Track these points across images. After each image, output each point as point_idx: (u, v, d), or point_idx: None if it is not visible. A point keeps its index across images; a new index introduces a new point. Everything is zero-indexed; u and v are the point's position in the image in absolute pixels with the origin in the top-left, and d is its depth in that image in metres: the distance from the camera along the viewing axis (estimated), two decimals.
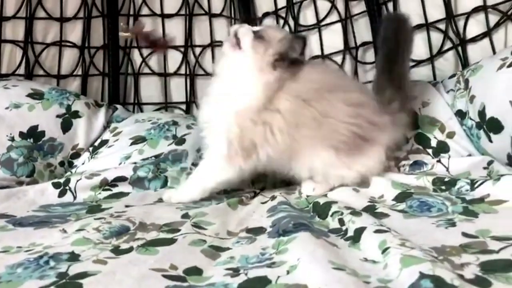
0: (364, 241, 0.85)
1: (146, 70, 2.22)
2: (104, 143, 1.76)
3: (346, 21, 1.99)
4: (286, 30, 2.06)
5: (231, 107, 1.22)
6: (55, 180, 1.46)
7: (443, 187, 1.18)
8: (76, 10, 2.10)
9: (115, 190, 1.45)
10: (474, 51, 1.67)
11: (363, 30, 1.96)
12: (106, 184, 1.45)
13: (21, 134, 1.62)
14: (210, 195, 1.27)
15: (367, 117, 1.26)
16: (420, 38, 1.79)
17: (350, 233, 0.91)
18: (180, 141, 1.66)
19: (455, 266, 0.71)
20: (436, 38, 1.76)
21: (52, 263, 0.80)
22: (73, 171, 1.66)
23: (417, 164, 1.39)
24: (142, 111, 2.18)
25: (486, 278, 0.67)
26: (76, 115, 1.78)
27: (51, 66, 2.06)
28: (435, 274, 0.64)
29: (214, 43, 2.23)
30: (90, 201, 1.39)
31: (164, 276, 0.73)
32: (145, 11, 2.21)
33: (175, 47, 2.21)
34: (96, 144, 1.78)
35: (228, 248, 0.89)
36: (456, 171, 1.30)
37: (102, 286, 0.71)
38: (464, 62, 1.67)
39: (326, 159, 1.24)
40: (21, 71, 1.98)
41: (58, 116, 1.74)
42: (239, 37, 1.26)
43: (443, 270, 0.65)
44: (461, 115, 1.44)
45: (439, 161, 1.37)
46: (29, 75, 1.99)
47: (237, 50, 1.27)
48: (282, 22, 2.14)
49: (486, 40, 1.63)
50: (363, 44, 1.96)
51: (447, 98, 1.51)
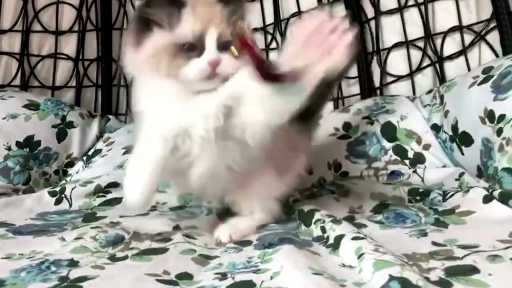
0: (342, 247, 0.91)
1: None
2: (98, 152, 1.82)
3: None
4: None
5: None
6: (51, 189, 1.52)
7: (418, 198, 1.25)
8: (71, 24, 2.17)
9: (109, 196, 1.50)
10: (451, 68, 1.76)
11: None
12: (100, 191, 1.51)
13: (17, 144, 1.68)
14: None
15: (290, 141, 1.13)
16: (401, 55, 1.89)
17: (331, 240, 0.97)
18: None
19: (422, 270, 0.78)
20: (415, 55, 1.85)
21: (53, 268, 0.85)
22: (67, 179, 1.72)
23: (394, 174, 1.46)
24: (134, 121, 2.24)
25: (448, 281, 0.74)
26: (70, 125, 1.85)
27: (46, 77, 2.12)
28: (402, 276, 0.70)
29: None
30: (86, 208, 1.44)
31: (158, 280, 0.80)
32: None
33: None
34: (90, 153, 1.84)
35: (216, 256, 0.94)
36: (431, 181, 1.37)
37: None
38: (442, 78, 1.76)
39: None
40: (16, 82, 2.04)
41: (53, 126, 1.81)
42: None
43: (410, 272, 0.72)
44: (436, 128, 1.51)
45: (415, 171, 1.44)
46: (24, 86, 2.05)
47: None
48: (270, 37, 2.22)
49: (462, 58, 1.72)
50: None
51: (423, 112, 1.59)
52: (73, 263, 0.88)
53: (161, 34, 0.86)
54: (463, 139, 1.36)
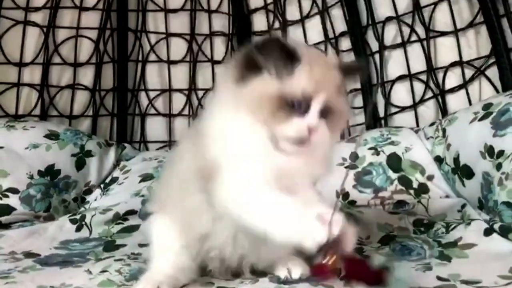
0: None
1: (152, 111, 2.37)
2: (115, 180, 1.90)
3: None
4: None
5: None
6: (72, 216, 1.60)
7: (422, 229, 1.32)
8: (89, 56, 2.27)
9: (126, 223, 1.57)
10: (452, 100, 1.85)
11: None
12: (118, 218, 1.58)
13: (39, 172, 1.76)
14: None
15: None
16: (404, 87, 1.98)
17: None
18: None
19: None
20: (419, 88, 1.94)
21: None
22: (86, 206, 1.79)
23: (400, 204, 1.51)
24: (147, 149, 2.33)
25: None
26: (89, 154, 1.93)
27: (64, 107, 2.22)
28: None
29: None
30: (105, 235, 1.51)
31: None
32: (152, 57, 2.38)
33: (180, 90, 2.38)
34: (107, 181, 1.92)
35: None
36: (435, 211, 1.43)
37: None
38: (444, 110, 1.84)
39: None
40: (36, 112, 2.14)
41: (72, 155, 1.89)
42: None
43: None
44: (439, 160, 1.58)
45: (419, 201, 1.50)
46: (43, 116, 2.14)
47: None
48: None
49: (463, 91, 1.81)
50: (352, 90, 2.10)
51: (427, 144, 1.66)
52: None
53: (271, 81, 0.80)
54: (464, 172, 1.43)
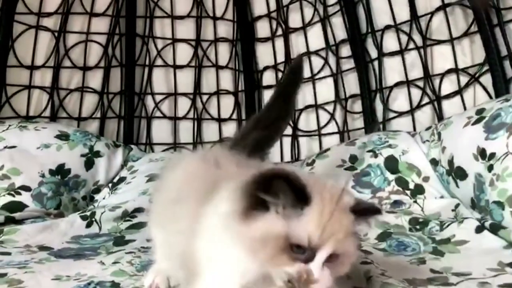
0: (353, 271, 0.97)
1: (158, 114, 2.44)
2: (122, 180, 1.96)
3: (337, 75, 2.25)
4: None
5: None
6: (82, 213, 1.66)
7: (418, 227, 1.39)
8: (98, 60, 2.33)
9: (135, 220, 1.63)
10: (448, 106, 1.91)
11: (352, 84, 2.21)
12: (127, 215, 1.64)
13: (50, 171, 1.82)
14: None
15: None
16: (402, 93, 2.05)
17: None
18: None
19: None
20: (415, 94, 2.01)
21: None
22: (95, 205, 1.86)
23: (397, 203, 1.57)
24: (153, 150, 2.39)
25: None
26: (97, 154, 2.00)
27: (73, 109, 2.28)
28: None
29: (219, 91, 2.47)
30: (114, 231, 1.57)
31: None
32: (159, 62, 2.44)
33: (185, 94, 2.45)
34: (115, 180, 1.98)
35: None
36: (430, 211, 1.50)
37: None
38: (439, 115, 1.91)
39: None
40: (46, 113, 2.21)
41: (82, 155, 1.95)
42: None
43: None
44: (434, 162, 1.64)
45: (415, 201, 1.56)
46: (53, 117, 2.21)
47: None
48: (280, 75, 2.39)
49: (458, 97, 1.88)
50: (352, 96, 2.21)
51: (423, 147, 1.72)
52: (115, 285, 1.01)
53: (277, 221, 0.72)
54: (458, 173, 1.49)
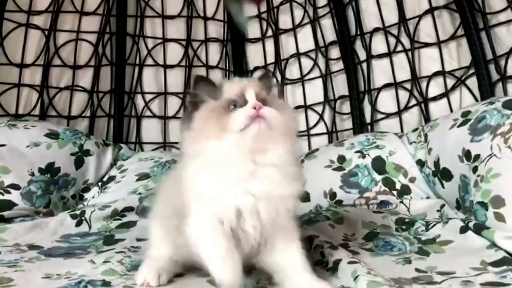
0: (340, 270, 1.05)
1: (148, 113, 2.44)
2: (112, 179, 1.97)
3: (326, 77, 2.27)
4: None
5: None
6: (72, 212, 1.67)
7: (404, 227, 1.42)
8: (88, 59, 2.33)
9: (124, 219, 1.65)
10: (435, 108, 1.94)
11: (340, 85, 2.23)
12: (116, 214, 1.65)
13: (40, 170, 1.82)
14: None
15: None
16: (390, 95, 2.08)
17: (330, 264, 1.10)
18: None
19: None
20: (403, 95, 2.04)
21: (90, 287, 1.00)
22: (84, 203, 1.87)
23: (383, 204, 1.60)
24: (142, 149, 2.39)
25: None
26: (87, 153, 2.00)
27: (63, 108, 2.27)
28: None
29: None
30: (104, 230, 1.59)
31: None
32: (149, 61, 2.45)
33: (175, 94, 2.46)
34: (105, 179, 1.99)
35: None
36: (416, 211, 1.53)
37: None
38: (426, 117, 1.94)
39: None
40: (36, 112, 2.20)
41: (72, 154, 1.95)
42: None
43: None
44: (421, 163, 1.67)
45: (402, 201, 1.59)
46: (43, 116, 2.20)
47: None
48: (270, 75, 2.40)
49: (445, 100, 1.90)
50: (341, 97, 2.23)
51: (410, 148, 1.75)
52: (106, 283, 1.02)
53: (206, 104, 0.93)
54: (444, 174, 1.52)
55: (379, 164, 1.72)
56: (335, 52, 2.25)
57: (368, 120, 2.13)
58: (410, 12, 2.00)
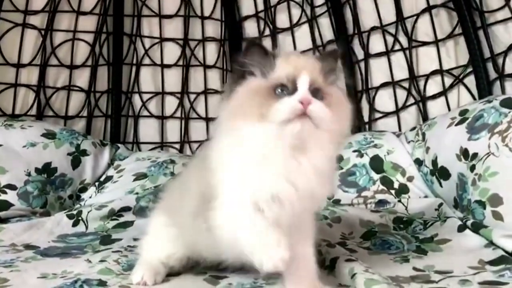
0: (337, 269, 1.04)
1: (145, 113, 2.43)
2: (109, 178, 1.97)
3: None
4: None
5: None
6: (69, 212, 1.66)
7: (402, 226, 1.42)
8: (85, 59, 2.32)
9: (122, 219, 1.64)
10: (433, 107, 1.94)
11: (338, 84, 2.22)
12: (113, 214, 1.64)
13: (36, 170, 1.82)
14: None
15: None
16: (387, 93, 2.07)
17: (327, 262, 1.10)
18: None
19: None
20: (401, 94, 2.03)
21: (86, 287, 0.99)
22: (81, 203, 1.86)
23: (381, 203, 1.61)
24: (140, 149, 2.39)
25: None
26: (84, 153, 2.00)
27: (59, 108, 2.27)
28: None
29: (207, 91, 2.47)
30: (101, 230, 1.58)
31: None
32: (147, 61, 2.44)
33: (173, 93, 2.45)
34: (102, 179, 1.98)
35: (225, 277, 1.07)
36: (413, 210, 1.53)
37: None
38: (424, 116, 1.94)
39: None
40: (32, 112, 2.19)
41: (68, 154, 1.95)
42: None
43: None
44: (418, 162, 1.67)
45: (400, 200, 1.59)
46: (39, 116, 2.19)
47: None
48: None
49: (443, 98, 1.90)
50: None
51: (407, 147, 1.75)
52: (102, 283, 1.02)
53: (254, 79, 0.84)
54: (442, 173, 1.52)
55: (377, 163, 1.72)
56: None
57: (366, 119, 2.12)
58: (408, 11, 2.00)
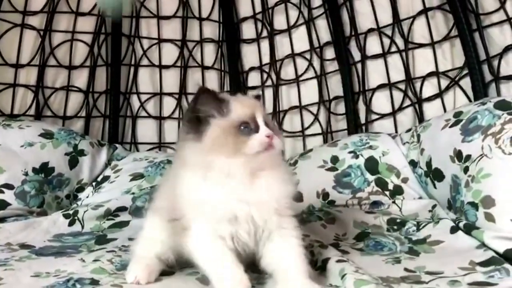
0: (328, 269, 1.05)
1: (143, 114, 2.44)
2: (106, 178, 1.97)
3: (321, 77, 2.27)
4: None
5: None
6: (65, 211, 1.67)
7: (395, 227, 1.42)
8: (83, 59, 2.33)
9: (118, 219, 1.65)
10: (429, 109, 1.95)
11: (335, 86, 2.24)
12: (109, 214, 1.66)
13: (34, 170, 1.83)
14: None
15: None
16: (384, 95, 2.08)
17: (319, 263, 1.11)
18: None
19: None
20: (397, 96, 2.04)
21: (78, 286, 1.00)
22: (78, 203, 1.87)
23: (376, 204, 1.61)
24: (138, 150, 2.40)
25: None
26: (82, 153, 2.01)
27: (58, 108, 2.28)
28: None
29: None
30: (96, 230, 1.59)
31: None
32: (145, 62, 2.45)
33: (171, 94, 2.46)
34: (99, 179, 1.99)
35: None
36: (408, 211, 1.53)
37: None
38: (421, 117, 1.94)
39: None
40: (31, 112, 2.20)
41: (66, 154, 1.96)
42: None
43: None
44: (413, 164, 1.67)
45: (394, 202, 1.59)
46: (38, 116, 2.20)
47: None
48: (265, 76, 2.41)
49: (439, 100, 1.91)
50: (335, 97, 2.23)
51: (403, 149, 1.76)
52: (94, 282, 1.02)
53: (219, 121, 0.96)
54: (436, 175, 1.52)
55: (372, 165, 1.72)
56: (329, 53, 2.25)
57: (362, 120, 2.13)
58: (404, 13, 2.01)
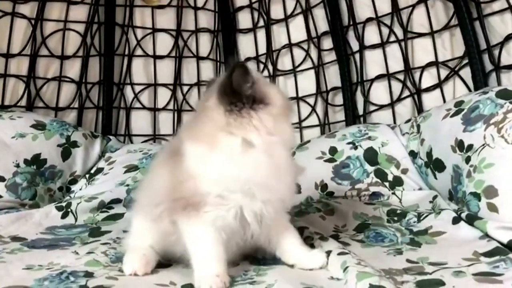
0: (330, 262, 1.03)
1: (137, 105, 2.40)
2: (100, 170, 1.94)
3: (318, 68, 2.24)
4: None
5: None
6: (58, 204, 1.64)
7: (396, 218, 1.40)
8: (76, 49, 2.29)
9: (112, 211, 1.62)
10: (428, 99, 1.92)
11: (333, 76, 2.21)
12: (103, 206, 1.63)
13: (25, 161, 1.79)
14: None
15: None
16: (383, 86, 2.05)
17: None
18: None
19: (397, 283, 0.91)
20: (396, 86, 2.01)
21: (72, 278, 0.96)
22: (72, 195, 1.83)
23: (375, 195, 1.59)
24: (132, 142, 2.36)
25: None
26: (74, 145, 1.97)
27: (50, 99, 2.23)
28: (381, 285, 0.83)
29: (200, 82, 2.45)
30: (90, 222, 1.56)
31: None
32: (139, 52, 2.41)
33: (165, 85, 2.42)
34: (92, 171, 1.96)
35: None
36: (408, 202, 1.51)
37: None
38: (419, 108, 1.92)
39: None
40: (22, 103, 2.15)
41: (58, 145, 1.92)
42: None
43: (387, 282, 0.85)
44: (413, 154, 1.65)
45: (394, 193, 1.57)
46: (30, 107, 2.16)
47: None
48: (262, 66, 2.38)
49: (438, 90, 1.88)
50: (333, 88, 2.20)
51: (402, 139, 1.74)
52: (88, 274, 0.99)
53: (271, 107, 1.00)
54: (436, 165, 1.50)
55: (371, 155, 1.70)
56: (327, 43, 2.22)
57: (360, 112, 2.10)
58: (403, 2, 1.98)
